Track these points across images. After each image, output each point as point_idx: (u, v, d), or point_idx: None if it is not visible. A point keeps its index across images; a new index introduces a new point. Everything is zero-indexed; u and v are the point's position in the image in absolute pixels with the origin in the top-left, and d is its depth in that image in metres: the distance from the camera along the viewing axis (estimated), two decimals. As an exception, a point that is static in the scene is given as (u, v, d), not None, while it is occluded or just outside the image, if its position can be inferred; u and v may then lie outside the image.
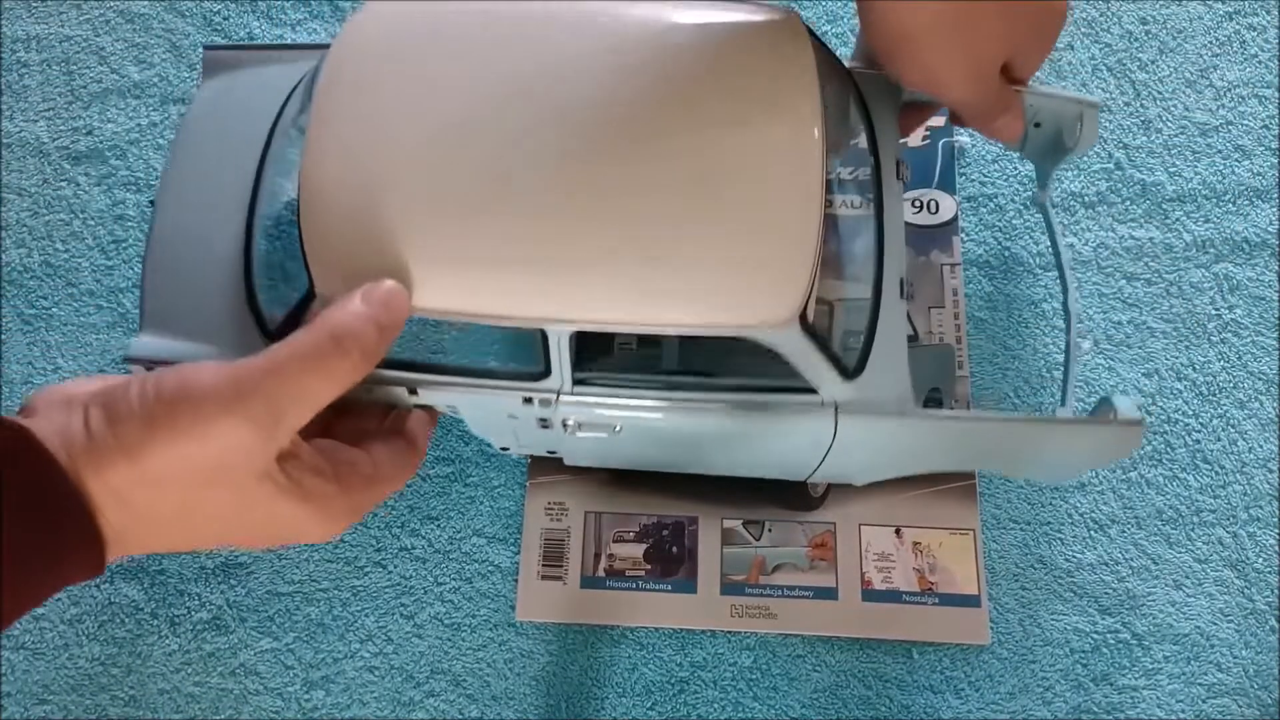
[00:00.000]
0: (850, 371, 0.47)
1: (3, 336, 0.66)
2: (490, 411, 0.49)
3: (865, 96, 0.53)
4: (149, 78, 0.71)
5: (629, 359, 0.50)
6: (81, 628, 0.60)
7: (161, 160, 0.69)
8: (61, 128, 0.71)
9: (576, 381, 0.47)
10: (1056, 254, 0.59)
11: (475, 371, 0.47)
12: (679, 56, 0.45)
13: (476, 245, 0.43)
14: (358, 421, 0.46)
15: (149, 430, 0.36)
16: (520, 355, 0.47)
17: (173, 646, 0.60)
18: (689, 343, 0.48)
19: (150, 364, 0.48)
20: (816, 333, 0.44)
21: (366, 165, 0.44)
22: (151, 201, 0.53)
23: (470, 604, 0.60)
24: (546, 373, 0.46)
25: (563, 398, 0.47)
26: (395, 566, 0.61)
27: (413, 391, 0.47)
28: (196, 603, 0.60)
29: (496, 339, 0.48)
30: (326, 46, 0.49)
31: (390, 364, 0.46)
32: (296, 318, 0.44)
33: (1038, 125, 0.58)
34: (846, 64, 0.53)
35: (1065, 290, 0.58)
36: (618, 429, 0.50)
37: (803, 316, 0.43)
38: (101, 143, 0.70)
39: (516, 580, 0.61)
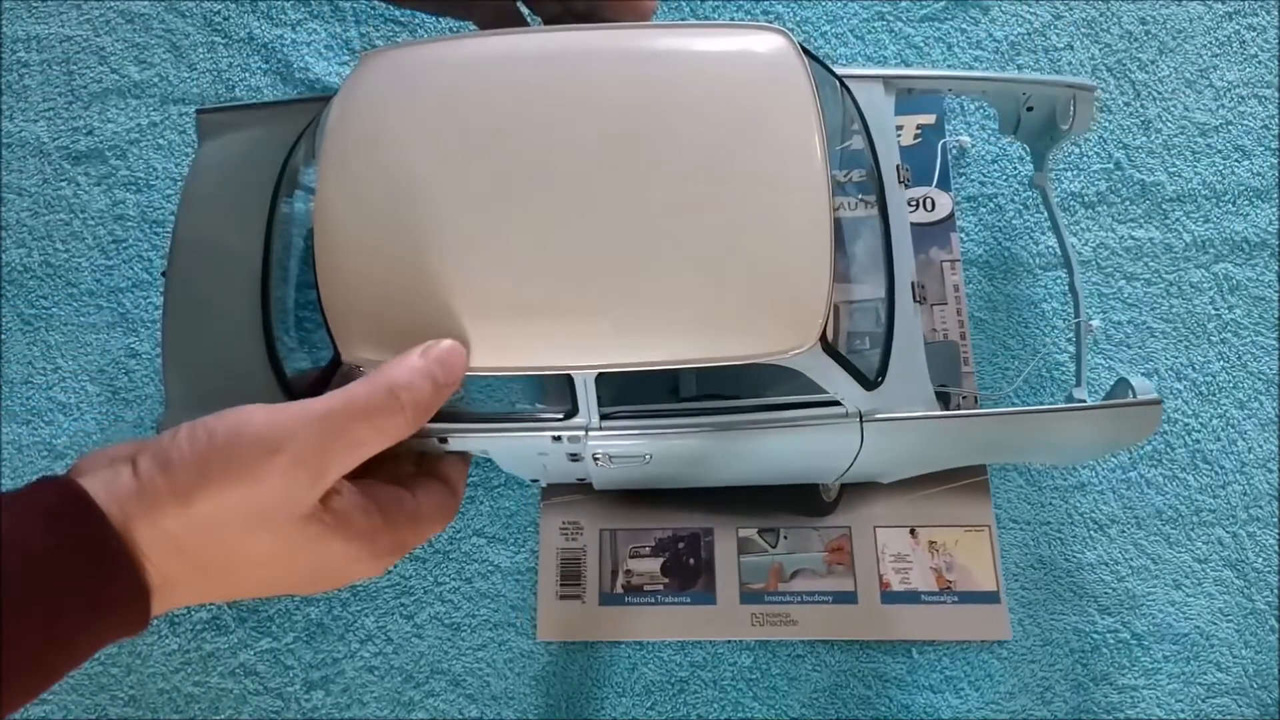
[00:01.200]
0: (871, 381, 0.48)
1: (3, 336, 0.66)
2: (521, 452, 0.50)
3: (859, 104, 0.53)
4: (149, 78, 0.71)
5: (650, 386, 0.50)
6: (81, 628, 0.60)
7: (161, 161, 0.69)
8: (62, 128, 0.70)
9: (604, 416, 0.47)
10: (1058, 233, 0.59)
11: (504, 417, 0.48)
12: (678, 97, 0.46)
13: (498, 299, 0.43)
14: (394, 466, 0.46)
15: (202, 474, 0.36)
16: (547, 396, 0.47)
17: (172, 646, 0.60)
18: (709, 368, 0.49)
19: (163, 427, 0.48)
20: (837, 351, 0.45)
21: (380, 225, 0.44)
22: (164, 272, 0.52)
23: (470, 604, 0.60)
24: (574, 412, 0.47)
25: (591, 433, 0.48)
26: (395, 566, 0.61)
27: (443, 440, 0.47)
28: (196, 603, 0.60)
29: (524, 383, 0.48)
30: (322, 99, 0.49)
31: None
32: (324, 381, 0.45)
33: (1030, 109, 0.58)
34: (839, 69, 0.54)
35: (1070, 271, 0.58)
36: (648, 459, 0.50)
37: (823, 337, 0.43)
38: (101, 143, 0.70)
39: (517, 580, 0.61)
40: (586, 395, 0.46)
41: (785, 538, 0.61)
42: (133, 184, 0.69)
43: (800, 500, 0.61)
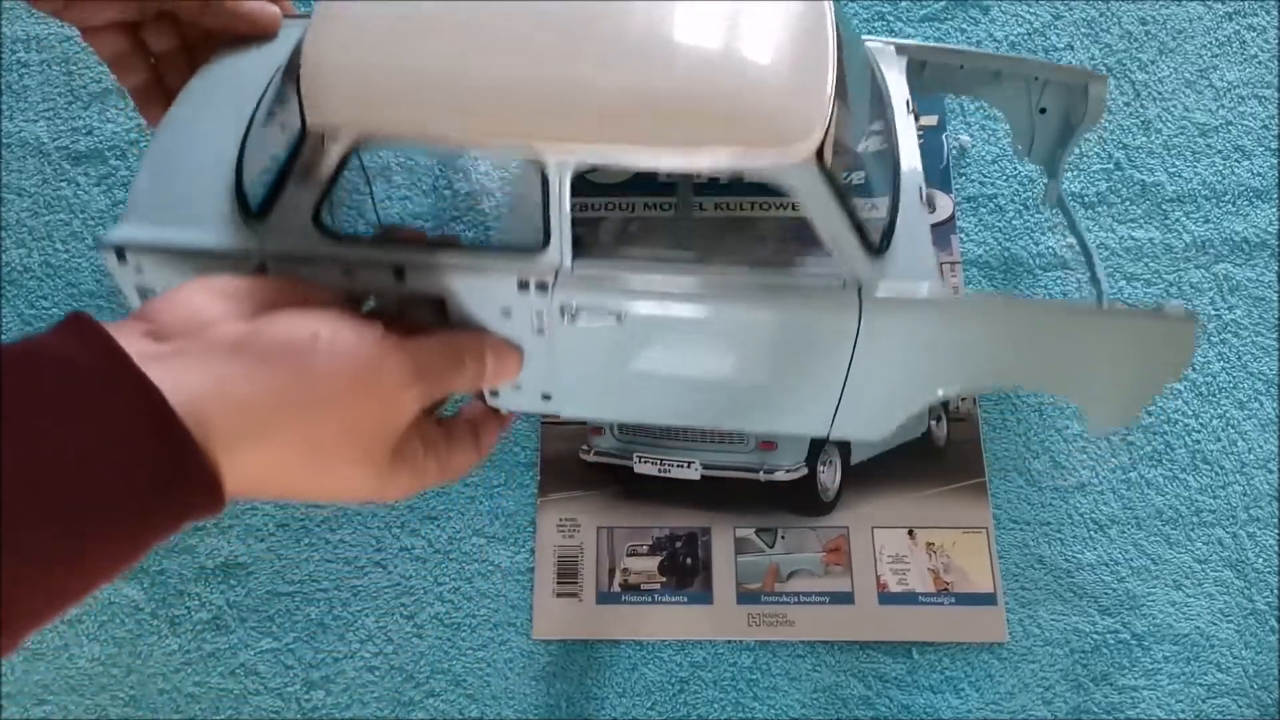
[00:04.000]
0: (873, 244, 0.43)
1: (3, 337, 0.66)
2: (483, 301, 0.45)
3: (873, 57, 0.51)
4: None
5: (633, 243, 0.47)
6: (81, 628, 0.60)
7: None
8: (61, 128, 0.71)
9: (577, 255, 0.43)
10: (1081, 242, 0.58)
11: (468, 246, 0.44)
12: None
13: (474, 65, 0.40)
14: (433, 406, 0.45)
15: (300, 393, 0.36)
16: (520, 234, 0.44)
17: (173, 646, 0.60)
18: (701, 225, 0.46)
19: (122, 250, 0.45)
20: (835, 181, 0.41)
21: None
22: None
23: (470, 604, 0.60)
24: (545, 242, 0.43)
25: (562, 277, 0.43)
26: (395, 566, 0.61)
27: (400, 275, 0.44)
28: (196, 603, 0.60)
29: (498, 223, 0.44)
30: None
31: (379, 243, 0.44)
32: (280, 187, 0.42)
33: (1043, 111, 0.57)
34: None
35: (1092, 264, 0.56)
36: (621, 317, 0.45)
37: (820, 156, 0.39)
38: (101, 143, 0.70)
39: (517, 580, 0.61)
40: (560, 215, 0.42)
41: (783, 538, 0.61)
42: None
43: (798, 500, 0.61)
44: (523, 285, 0.43)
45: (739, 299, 0.44)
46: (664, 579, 0.60)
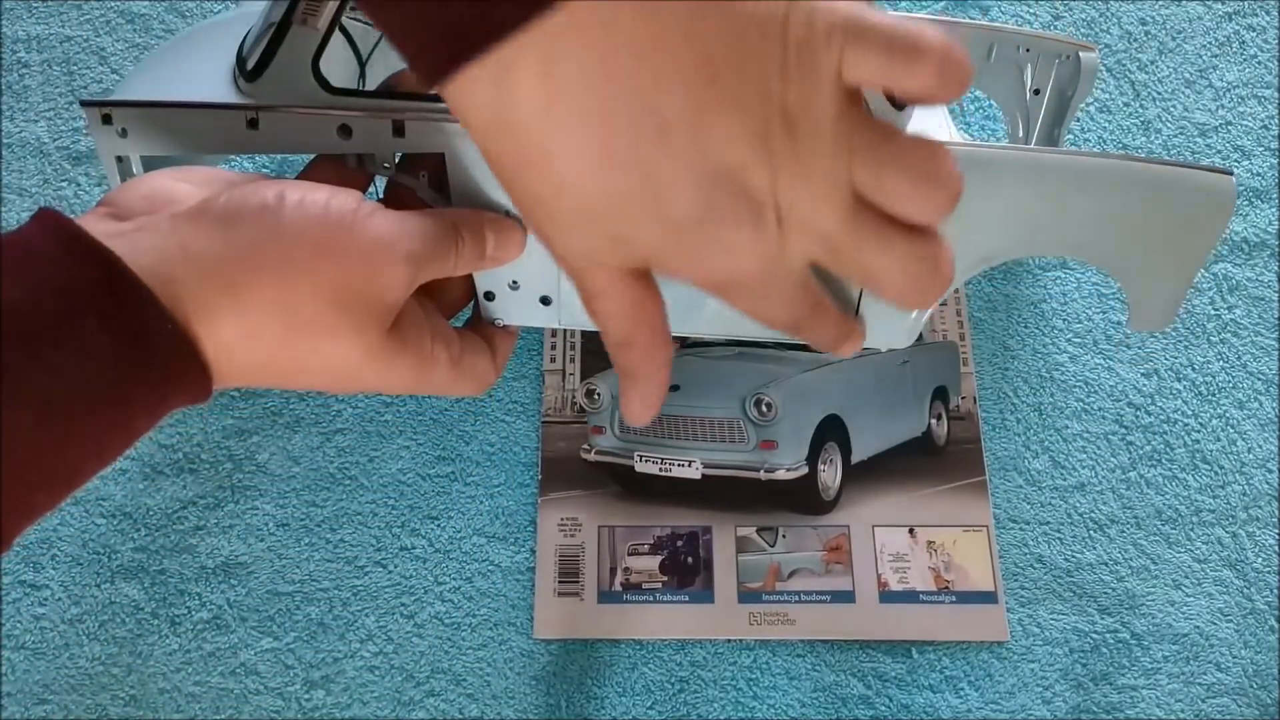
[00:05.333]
0: (894, 100, 0.40)
1: (3, 336, 0.66)
2: (485, 168, 0.42)
3: None
4: (149, 78, 0.71)
5: None
6: (82, 627, 0.60)
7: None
8: (62, 128, 0.71)
9: None
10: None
11: None
12: None
13: None
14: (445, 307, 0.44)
15: (296, 251, 0.34)
16: None
17: (173, 646, 0.60)
18: None
19: (107, 109, 0.44)
20: None
21: None
22: None
23: (471, 603, 0.60)
24: None
25: None
26: (396, 566, 0.61)
27: (399, 131, 0.42)
28: (197, 602, 0.60)
29: None
30: None
31: (380, 99, 0.42)
32: (279, 39, 0.41)
33: (1037, 92, 0.57)
34: None
35: None
36: None
37: None
38: (102, 143, 0.70)
39: (517, 579, 0.61)
40: None
41: (784, 536, 0.61)
42: (133, 184, 0.69)
43: (799, 498, 0.62)
44: None
45: None
46: (665, 578, 0.61)
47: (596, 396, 0.64)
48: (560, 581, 0.60)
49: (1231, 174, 0.44)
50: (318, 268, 0.34)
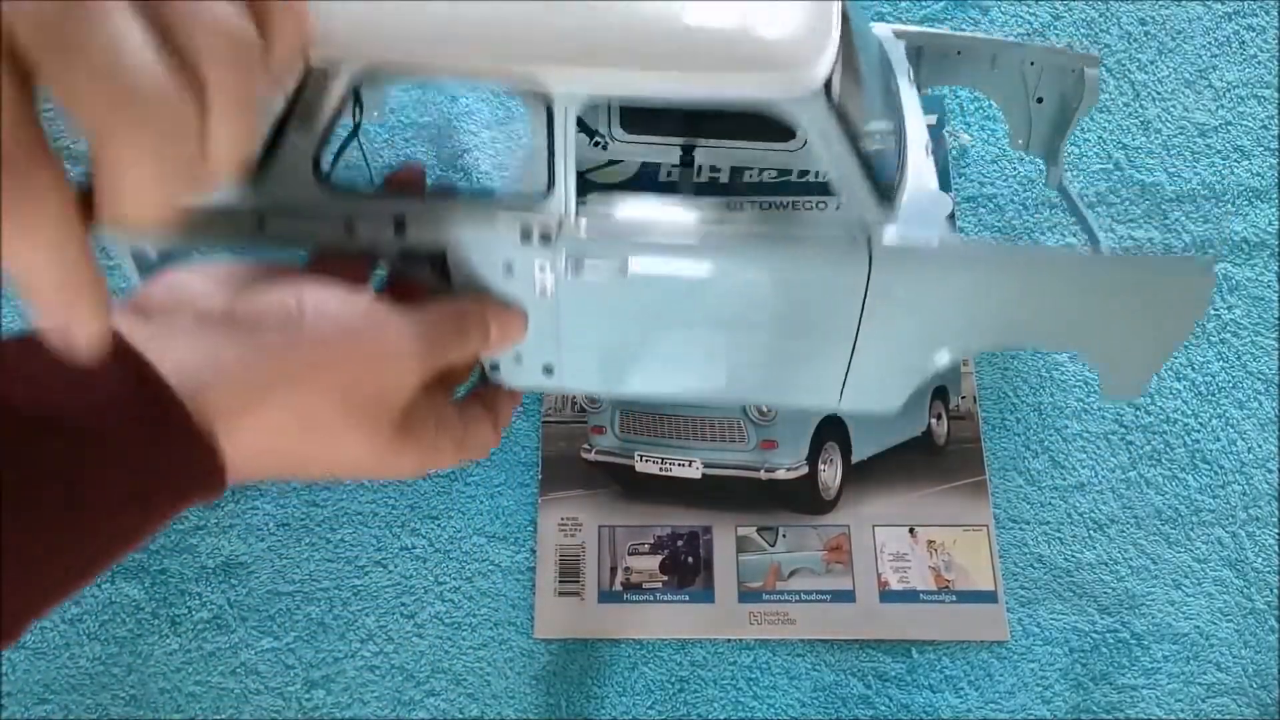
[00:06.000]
0: (884, 191, 0.43)
1: (4, 337, 0.66)
2: (485, 255, 0.44)
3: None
4: (150, 78, 0.71)
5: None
6: (82, 627, 0.60)
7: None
8: (63, 127, 0.70)
9: (582, 203, 0.42)
10: (1088, 228, 0.57)
11: (470, 195, 0.44)
12: None
13: None
14: (449, 382, 0.45)
15: (292, 363, 0.35)
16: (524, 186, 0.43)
17: (174, 646, 0.60)
18: (703, 188, 0.45)
19: None
20: (845, 118, 0.40)
21: None
22: None
23: (471, 603, 0.60)
24: (550, 187, 0.42)
25: (565, 227, 0.42)
26: (396, 566, 0.61)
27: (400, 228, 0.43)
28: (197, 602, 0.61)
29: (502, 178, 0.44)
30: None
31: (379, 194, 0.43)
32: (278, 138, 0.41)
33: (1040, 100, 0.58)
34: None
35: (1094, 241, 0.54)
36: (625, 269, 0.44)
37: (828, 89, 0.39)
38: (103, 143, 0.70)
39: (517, 579, 0.61)
40: (565, 159, 0.41)
41: (784, 536, 0.61)
42: (134, 184, 0.69)
43: (799, 498, 0.62)
44: (526, 236, 0.43)
45: (745, 248, 0.43)
46: (665, 578, 0.61)
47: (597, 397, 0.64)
48: (561, 581, 0.60)
49: (1214, 261, 0.45)
50: (336, 371, 0.36)
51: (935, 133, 0.69)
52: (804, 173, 0.56)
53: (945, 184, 0.68)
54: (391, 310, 0.38)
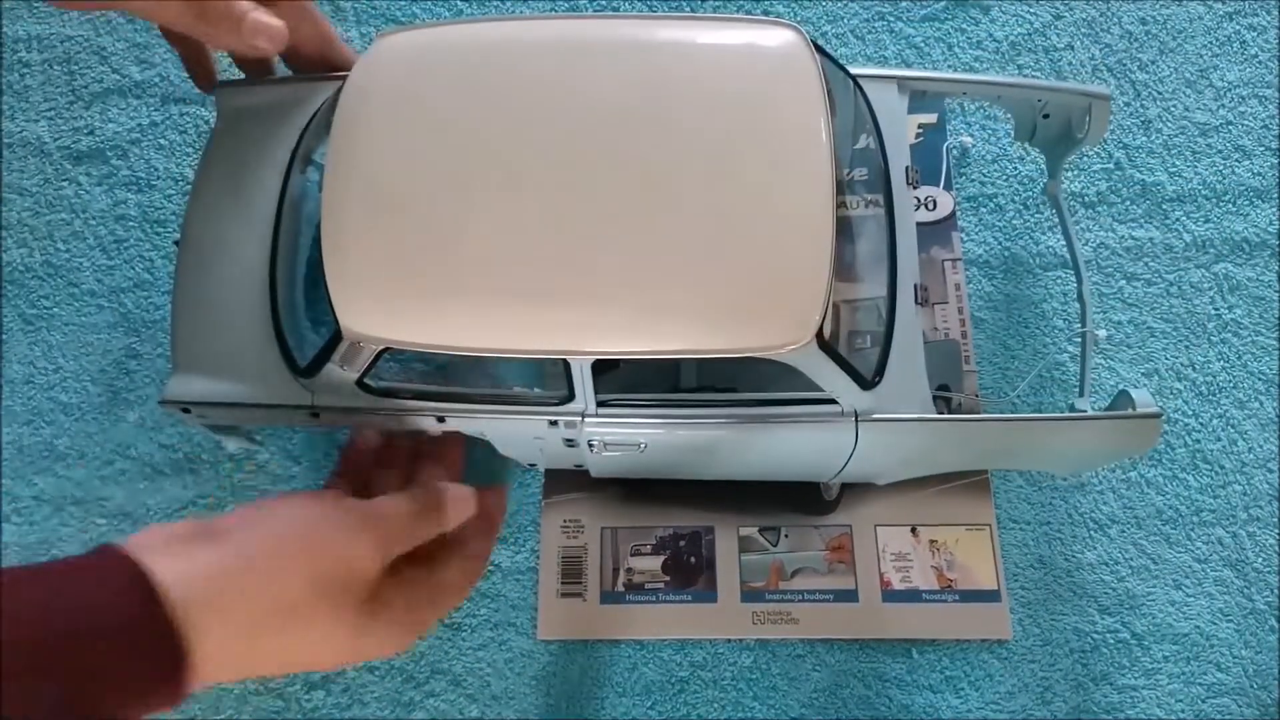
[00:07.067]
0: (868, 381, 0.48)
1: (4, 336, 0.66)
2: (517, 435, 0.51)
3: (871, 102, 0.53)
4: (150, 77, 0.71)
5: (649, 375, 0.51)
6: (83, 627, 0.60)
7: (163, 160, 0.69)
8: (63, 127, 0.71)
9: (600, 403, 0.47)
10: (1069, 243, 0.59)
11: (502, 399, 0.48)
12: (687, 89, 0.46)
13: (499, 282, 0.44)
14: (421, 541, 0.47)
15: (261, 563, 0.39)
16: (545, 381, 0.48)
17: (174, 646, 0.60)
18: (708, 360, 0.49)
19: (186, 406, 0.50)
20: (834, 349, 0.45)
21: (387, 204, 0.45)
22: (176, 241, 0.53)
23: (471, 604, 0.60)
24: (570, 398, 0.47)
25: (587, 419, 0.48)
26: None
27: (440, 419, 0.48)
28: (197, 602, 0.60)
29: (522, 367, 0.49)
30: (338, 77, 0.50)
31: (420, 395, 0.48)
32: (325, 357, 0.46)
33: (1046, 116, 0.58)
34: (854, 69, 0.54)
35: (1080, 279, 0.58)
36: (642, 447, 0.50)
37: (819, 334, 0.43)
38: (103, 142, 0.70)
39: (517, 580, 0.61)
40: (583, 381, 0.46)
41: (786, 536, 0.61)
42: (134, 184, 0.69)
43: (802, 498, 0.61)
44: (553, 424, 0.49)
45: (750, 428, 0.49)
46: (668, 578, 0.61)
47: None
48: (563, 583, 0.60)
49: (1161, 415, 0.50)
50: (299, 566, 0.39)
51: (935, 133, 0.69)
52: None
53: (947, 184, 0.68)
54: (350, 507, 0.42)
